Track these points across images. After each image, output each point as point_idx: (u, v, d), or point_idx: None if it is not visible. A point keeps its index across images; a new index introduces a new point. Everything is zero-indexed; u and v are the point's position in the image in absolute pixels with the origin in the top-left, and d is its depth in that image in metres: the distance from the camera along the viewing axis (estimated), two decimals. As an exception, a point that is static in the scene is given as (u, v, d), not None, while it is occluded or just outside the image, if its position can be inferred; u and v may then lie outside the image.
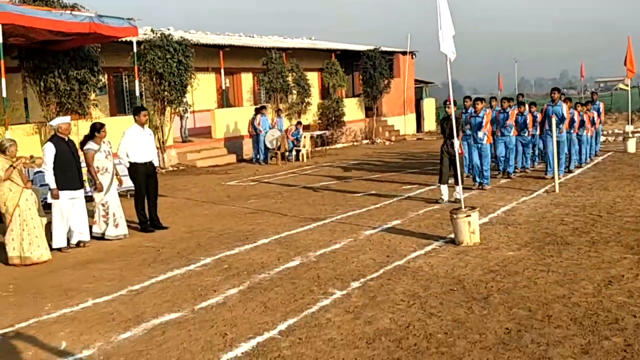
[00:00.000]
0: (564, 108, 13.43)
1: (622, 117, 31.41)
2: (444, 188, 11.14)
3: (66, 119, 9.18)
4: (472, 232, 7.96)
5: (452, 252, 7.67)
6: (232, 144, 21.80)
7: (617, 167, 14.98)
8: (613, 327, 5.02)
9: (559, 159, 12.84)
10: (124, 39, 15.92)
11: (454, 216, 7.99)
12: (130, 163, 9.69)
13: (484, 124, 12.26)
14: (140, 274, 7.41)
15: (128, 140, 9.58)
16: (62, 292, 6.86)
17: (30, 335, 5.57)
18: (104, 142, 9.36)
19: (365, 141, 27.28)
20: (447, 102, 11.10)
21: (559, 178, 12.36)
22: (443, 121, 11.48)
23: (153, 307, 6.16)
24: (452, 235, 8.31)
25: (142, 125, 9.81)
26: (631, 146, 18.11)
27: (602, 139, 19.56)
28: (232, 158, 20.96)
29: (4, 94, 12.76)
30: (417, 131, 31.81)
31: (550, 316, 5.34)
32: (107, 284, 7.06)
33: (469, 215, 7.93)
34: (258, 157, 20.53)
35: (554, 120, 12.06)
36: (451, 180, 11.14)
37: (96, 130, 9.25)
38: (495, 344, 4.82)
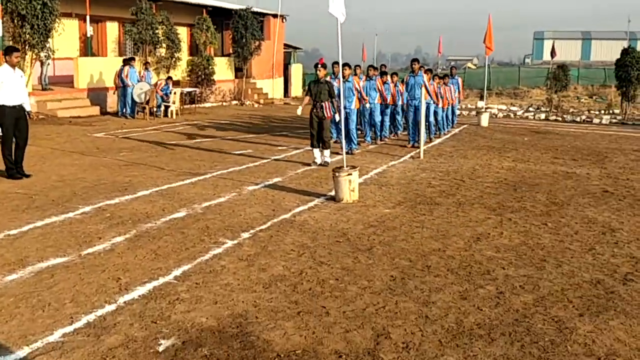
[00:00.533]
0: (425, 78, 14.00)
1: (472, 93, 33.50)
2: (316, 151, 11.26)
3: None
4: (352, 190, 8.35)
5: (333, 208, 8.02)
6: (96, 95, 20.87)
7: (473, 138, 16.12)
8: (485, 277, 5.57)
9: (419, 128, 13.47)
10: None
11: (336, 174, 8.33)
12: (-1, 105, 9.12)
13: (352, 88, 12.65)
14: (16, 219, 7.09)
15: None
16: None
17: None
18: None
19: (234, 102, 27.15)
20: (319, 65, 11.35)
21: (419, 147, 13.13)
22: (312, 84, 11.26)
23: (36, 252, 5.97)
24: (332, 193, 8.68)
25: (12, 66, 9.24)
26: (484, 120, 19.51)
27: (457, 112, 20.71)
28: (96, 110, 20.09)
29: None
30: (284, 96, 32.09)
31: (429, 266, 5.81)
32: (-20, 229, 6.70)
33: (350, 174, 8.31)
34: (124, 110, 19.81)
35: (423, 89, 12.76)
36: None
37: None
38: (383, 290, 5.20)
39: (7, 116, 9.17)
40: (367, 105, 14.04)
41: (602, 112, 24.99)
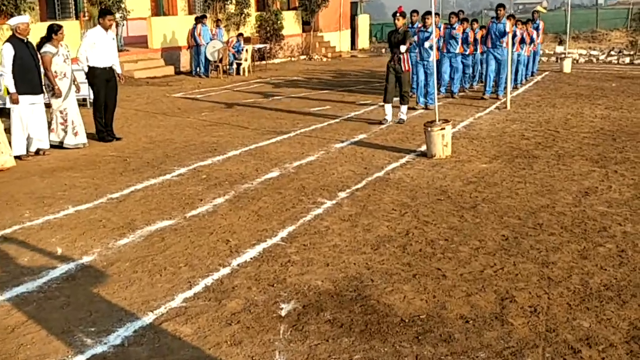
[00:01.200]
0: (508, 25, 13.20)
1: (547, 38, 32.14)
2: (388, 107, 10.62)
3: (24, 18, 8.57)
4: (445, 145, 8.12)
5: (427, 164, 7.83)
6: (170, 55, 21.02)
7: (558, 85, 15.48)
8: (603, 234, 5.32)
9: (505, 78, 12.96)
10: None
11: (429, 129, 8.10)
12: (89, 67, 9.22)
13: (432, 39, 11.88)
14: (115, 182, 7.21)
15: (89, 43, 9.09)
16: (37, 199, 6.60)
17: (20, 241, 5.38)
18: (61, 45, 8.84)
19: (302, 57, 26.92)
20: (397, 13, 10.62)
21: (499, 98, 12.78)
22: (391, 34, 10.58)
23: (142, 215, 6.04)
24: (423, 148, 8.49)
25: (105, 28, 9.30)
26: (567, 66, 18.70)
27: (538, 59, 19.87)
28: (170, 70, 20.26)
29: None
30: (352, 48, 31.60)
31: (541, 224, 5.59)
32: (83, 192, 6.84)
33: (443, 129, 8.07)
34: (198, 69, 19.92)
35: (509, 37, 12.25)
36: (397, 99, 10.80)
37: (53, 32, 8.71)
38: (497, 250, 5.02)
39: (98, 77, 9.27)
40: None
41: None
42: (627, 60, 22.02)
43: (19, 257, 5.01)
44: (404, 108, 10.65)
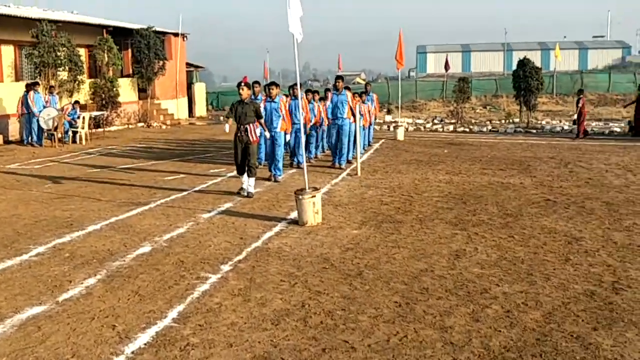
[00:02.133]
0: (349, 96, 13.74)
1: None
2: (244, 178, 10.16)
3: None
4: (316, 212, 8.18)
5: (301, 232, 7.81)
6: (-4, 123, 19.52)
7: (397, 152, 16.35)
8: (485, 296, 5.56)
9: (344, 147, 13.60)
10: None
11: (299, 197, 8.12)
12: None
13: (279, 109, 11.78)
14: (-35, 267, 6.40)
15: None
16: None
17: None
18: None
19: (140, 124, 26.18)
20: (242, 84, 10.24)
21: (342, 167, 13.32)
22: (237, 105, 10.10)
23: (7, 301, 5.39)
24: (292, 216, 8.51)
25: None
26: (400, 134, 19.88)
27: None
28: (-1, 139, 18.77)
29: None
30: (189, 115, 31.38)
31: (427, 289, 5.73)
32: None
33: (314, 196, 8.14)
34: (30, 138, 18.63)
35: (359, 108, 12.80)
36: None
37: None
38: (395, 317, 5.06)
39: None
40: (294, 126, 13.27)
41: (503, 121, 26.12)
42: (451, 127, 23.88)
43: None
44: (251, 181, 10.14)
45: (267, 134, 10.69)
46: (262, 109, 10.90)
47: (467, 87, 26.06)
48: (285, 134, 12.12)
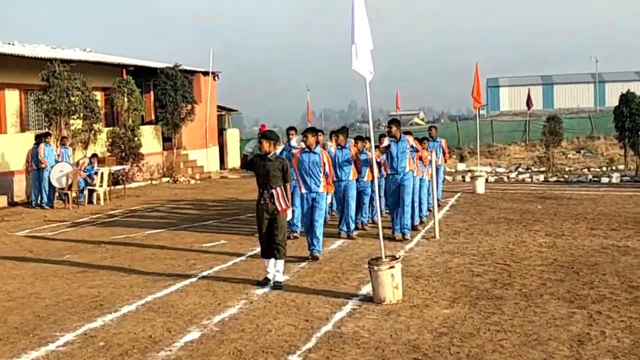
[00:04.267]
0: (411, 143, 12.72)
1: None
2: (271, 263, 9.06)
3: None
4: (395, 287, 8.04)
5: (378, 312, 7.67)
6: (0, 181, 20.04)
7: (479, 209, 16.16)
8: (628, 393, 5.31)
9: (405, 210, 12.27)
10: None
11: (375, 268, 8.01)
12: None
13: (322, 162, 11.06)
14: (-18, 359, 6.43)
15: None
16: None
17: None
18: None
19: (165, 179, 26.55)
20: (263, 133, 9.40)
21: (407, 237, 12.24)
22: (258, 161, 9.09)
23: (36, 405, 5.36)
24: (364, 291, 8.42)
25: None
26: (480, 186, 19.74)
27: (441, 177, 19.90)
28: (3, 200, 19.25)
29: None
30: (221, 167, 31.77)
31: (551, 385, 5.51)
32: (-60, 376, 6.02)
33: (393, 267, 8.01)
34: (39, 198, 19.02)
35: (434, 155, 12.72)
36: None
37: None
38: (517, 423, 4.85)
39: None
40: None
41: (604, 168, 25.71)
42: (542, 177, 23.60)
43: None
44: (279, 264, 9.03)
45: (289, 212, 9.24)
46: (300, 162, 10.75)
47: (559, 127, 25.78)
48: (327, 194, 11.44)
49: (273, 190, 8.86)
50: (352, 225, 12.65)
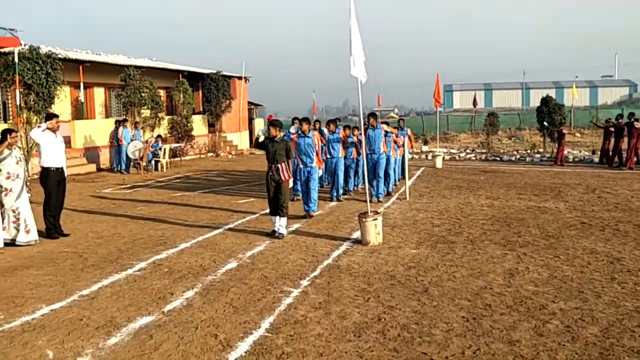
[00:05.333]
0: (385, 129, 12.45)
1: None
2: (276, 219, 8.77)
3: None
4: (377, 233, 8.05)
5: (365, 251, 7.68)
6: (90, 153, 19.97)
7: (438, 179, 16.10)
8: (544, 312, 5.34)
9: (380, 180, 12.12)
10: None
11: (363, 219, 8.02)
12: (43, 168, 8.46)
13: (313, 144, 10.69)
14: (80, 279, 6.46)
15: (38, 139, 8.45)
16: (6, 299, 5.76)
17: (5, 345, 4.59)
18: (14, 148, 8.07)
19: (210, 154, 26.49)
20: (271, 121, 9.19)
21: (381, 200, 12.00)
22: (268, 142, 8.79)
23: (119, 312, 5.39)
24: (354, 236, 8.40)
25: (54, 131, 8.62)
26: (439, 162, 19.64)
27: (409, 156, 19.73)
28: (92, 167, 19.19)
29: None
30: (250, 147, 31.60)
31: (489, 305, 5.54)
32: (51, 290, 6.06)
33: (376, 219, 8.02)
34: (119, 166, 19.03)
35: (405, 139, 12.66)
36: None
37: (6, 135, 7.94)
38: (465, 331, 4.88)
39: (51, 179, 8.51)
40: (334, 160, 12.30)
41: (529, 151, 25.59)
42: (483, 157, 23.49)
43: (7, 365, 4.25)
44: (282, 221, 8.70)
45: (290, 182, 9.08)
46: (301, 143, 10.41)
47: (497, 121, 25.59)
48: (319, 168, 10.99)
49: (279, 165, 8.63)
50: (341, 191, 12.41)
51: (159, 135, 20.36)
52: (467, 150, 26.73)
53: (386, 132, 12.47)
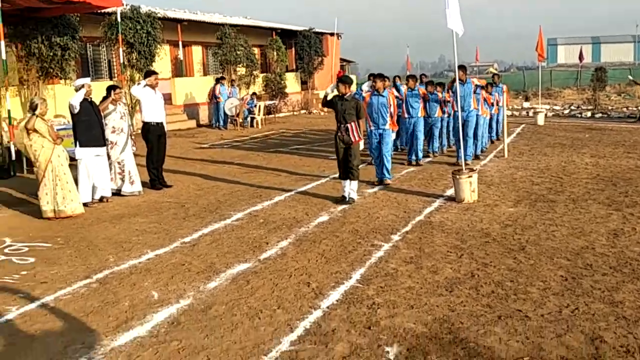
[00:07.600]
0: (473, 85, 11.20)
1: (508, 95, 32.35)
2: (346, 183, 8.06)
3: (87, 79, 8.23)
4: (472, 190, 7.86)
5: (459, 208, 7.54)
6: (190, 110, 20.78)
7: (539, 137, 15.38)
8: (652, 273, 5.04)
9: (472, 136, 11.15)
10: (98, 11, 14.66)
11: (457, 177, 7.85)
12: (144, 123, 8.91)
13: (387, 104, 9.46)
14: (182, 227, 6.83)
15: (138, 95, 8.89)
16: (115, 244, 6.20)
17: (115, 285, 4.97)
18: (119, 103, 8.52)
19: (302, 111, 26.78)
20: (340, 78, 8.43)
21: (468, 162, 10.19)
22: (338, 100, 8.01)
23: (219, 258, 5.66)
24: (448, 193, 8.26)
25: (153, 88, 9.02)
26: (540, 119, 18.72)
27: (508, 113, 18.71)
28: (192, 123, 20.01)
29: (4, 56, 11.25)
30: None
31: (590, 265, 5.29)
32: (155, 237, 6.45)
33: (471, 176, 7.83)
34: (217, 122, 19.69)
35: (504, 96, 12.12)
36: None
37: (111, 91, 8.42)
38: (563, 290, 4.71)
39: (152, 133, 8.96)
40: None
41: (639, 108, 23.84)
42: (589, 114, 22.15)
43: (119, 302, 4.60)
44: (354, 185, 8.04)
45: (362, 144, 8.13)
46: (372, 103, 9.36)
47: (605, 75, 23.93)
48: (392, 131, 9.88)
49: (348, 125, 7.81)
50: (420, 155, 11.15)
51: (254, 93, 20.78)
52: (572, 107, 25.27)
53: (477, 86, 11.45)
